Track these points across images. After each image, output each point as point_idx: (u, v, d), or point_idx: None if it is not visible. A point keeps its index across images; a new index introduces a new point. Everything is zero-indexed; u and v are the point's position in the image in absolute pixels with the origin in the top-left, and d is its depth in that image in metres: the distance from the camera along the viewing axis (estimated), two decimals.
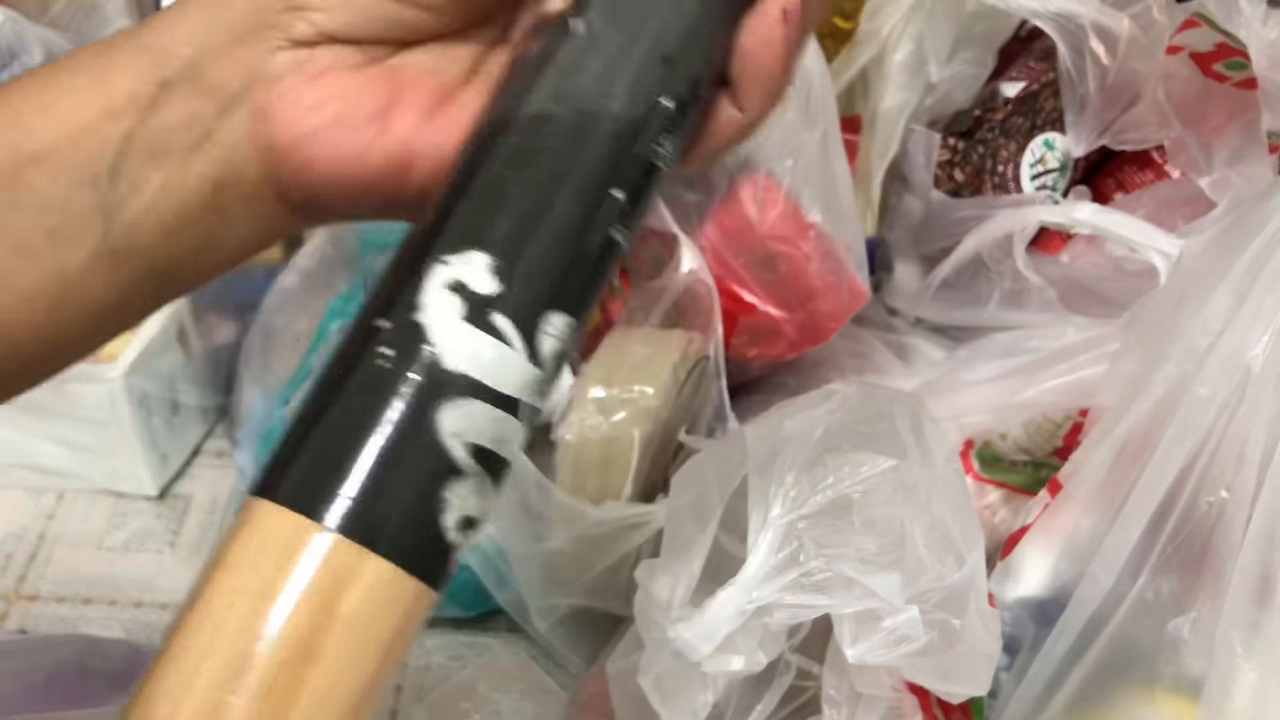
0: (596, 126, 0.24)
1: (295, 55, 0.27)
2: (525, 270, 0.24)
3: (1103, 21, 0.60)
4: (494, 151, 0.25)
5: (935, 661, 0.40)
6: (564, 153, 0.24)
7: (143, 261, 0.27)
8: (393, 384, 0.23)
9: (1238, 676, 0.40)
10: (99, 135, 0.26)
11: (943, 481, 0.42)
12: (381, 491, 0.23)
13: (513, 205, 0.24)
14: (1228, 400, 0.39)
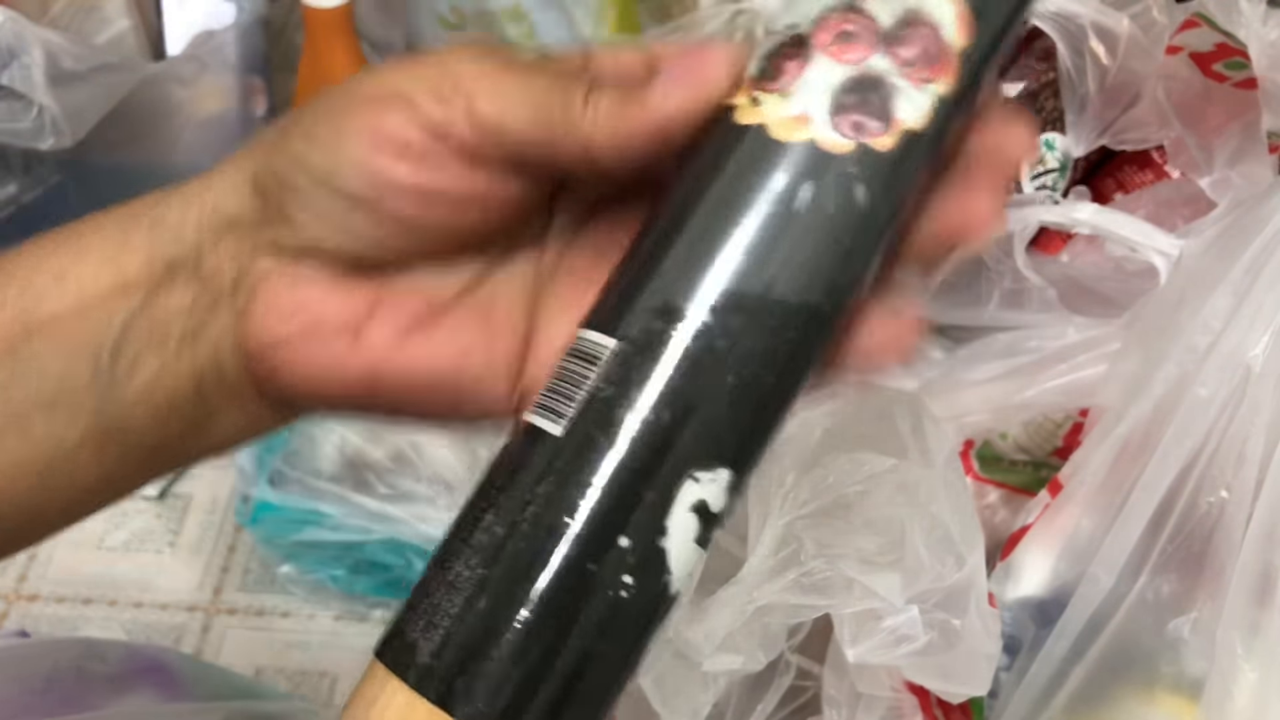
0: (811, 324, 0.23)
1: (280, 260, 0.26)
2: (747, 482, 0.24)
3: (1102, 21, 0.60)
4: (724, 356, 0.23)
5: (935, 661, 0.40)
6: (787, 354, 0.23)
7: (133, 442, 0.26)
8: (629, 617, 0.22)
9: (1238, 677, 0.40)
10: (106, 311, 0.26)
11: (943, 481, 0.42)
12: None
13: (751, 416, 0.23)
14: (1228, 400, 0.39)
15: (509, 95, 0.24)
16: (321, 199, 0.25)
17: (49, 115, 0.50)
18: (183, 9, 0.61)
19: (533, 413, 0.23)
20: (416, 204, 0.25)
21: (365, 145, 0.24)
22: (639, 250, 0.24)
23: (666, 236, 0.23)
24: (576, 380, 0.23)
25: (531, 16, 0.67)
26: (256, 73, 0.65)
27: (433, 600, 0.22)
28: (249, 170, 0.26)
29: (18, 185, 0.55)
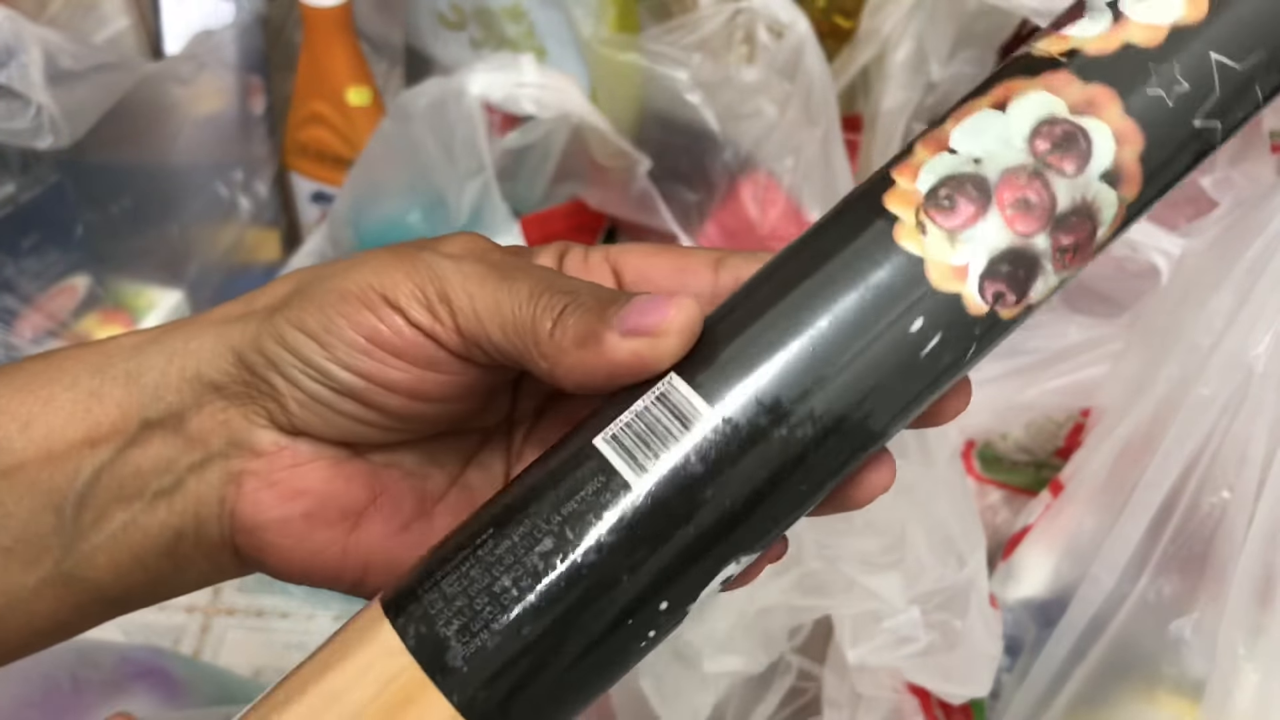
0: (871, 449, 0.24)
1: (278, 437, 0.26)
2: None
3: None
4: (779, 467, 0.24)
5: (936, 662, 0.40)
6: (844, 469, 0.24)
7: (92, 590, 0.26)
8: (634, 658, 0.24)
9: (1240, 678, 0.40)
10: (74, 462, 0.26)
11: (944, 482, 0.42)
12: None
13: (795, 516, 0.24)
14: (1230, 400, 0.39)
15: (487, 309, 0.25)
16: (314, 388, 0.25)
17: (47, 114, 0.50)
18: (181, 8, 0.61)
19: (608, 443, 0.23)
20: (404, 398, 0.26)
21: (360, 346, 0.25)
22: (755, 306, 0.24)
23: (791, 324, 0.23)
24: (663, 435, 0.23)
25: (531, 15, 0.67)
26: (255, 72, 0.65)
27: (473, 602, 0.23)
28: (233, 342, 0.26)
29: (16, 184, 0.54)
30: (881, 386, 0.23)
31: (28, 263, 0.56)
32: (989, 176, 0.23)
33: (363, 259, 0.26)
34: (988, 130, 0.24)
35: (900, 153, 0.24)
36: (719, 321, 0.24)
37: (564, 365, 0.24)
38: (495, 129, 0.59)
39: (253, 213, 0.68)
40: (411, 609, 0.23)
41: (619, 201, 0.61)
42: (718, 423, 0.23)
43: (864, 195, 0.24)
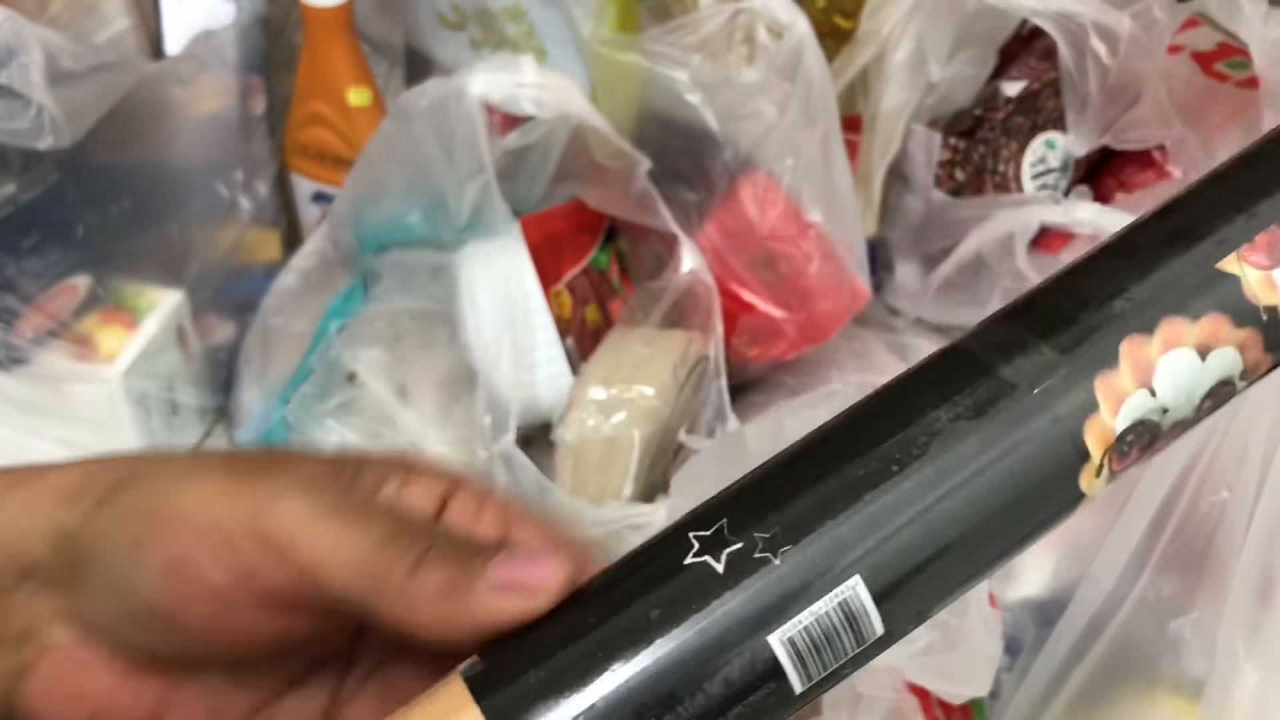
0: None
1: (72, 633, 0.24)
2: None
3: (1104, 21, 0.60)
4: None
5: (936, 662, 0.40)
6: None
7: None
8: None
9: (1239, 677, 0.40)
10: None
11: None
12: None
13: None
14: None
15: (332, 548, 0.22)
16: (117, 600, 0.23)
17: (47, 114, 0.50)
18: (182, 8, 0.61)
19: (784, 645, 0.21)
20: (213, 629, 0.23)
21: (165, 574, 0.23)
22: (936, 525, 0.22)
23: (972, 560, 0.22)
24: (837, 647, 0.22)
25: (531, 15, 0.67)
26: (256, 72, 0.65)
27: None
28: (53, 521, 0.24)
29: (16, 185, 0.54)
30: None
31: (28, 263, 0.56)
32: (1162, 429, 0.23)
33: (193, 475, 0.24)
34: (1184, 378, 0.23)
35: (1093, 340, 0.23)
36: (891, 534, 0.22)
37: (421, 619, 0.22)
38: (495, 129, 0.59)
39: (253, 213, 0.68)
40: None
41: (619, 201, 0.61)
42: (881, 636, 0.22)
43: (1056, 403, 0.22)
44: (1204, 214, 0.24)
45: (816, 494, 0.22)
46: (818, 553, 0.22)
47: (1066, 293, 0.24)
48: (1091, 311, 0.23)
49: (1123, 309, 0.23)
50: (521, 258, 0.59)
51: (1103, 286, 0.23)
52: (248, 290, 0.68)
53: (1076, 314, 0.23)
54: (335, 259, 0.65)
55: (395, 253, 0.63)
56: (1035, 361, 0.23)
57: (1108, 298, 0.23)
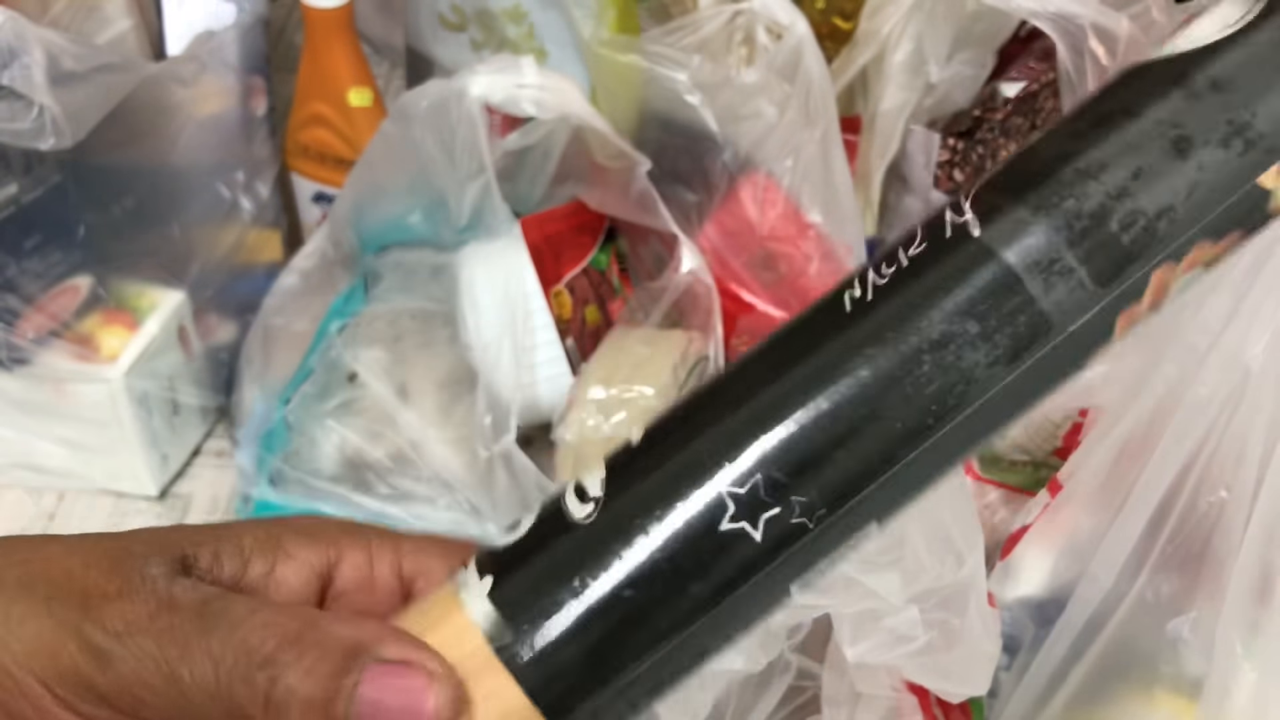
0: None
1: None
2: None
3: (1102, 22, 0.60)
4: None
5: (935, 661, 0.40)
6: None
7: None
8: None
9: (1237, 676, 0.40)
10: None
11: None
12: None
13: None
14: (1227, 400, 0.39)
15: (160, 699, 0.20)
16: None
17: (49, 115, 0.50)
18: (183, 9, 0.61)
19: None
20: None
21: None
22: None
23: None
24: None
25: (531, 16, 0.67)
26: (257, 73, 0.65)
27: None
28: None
29: (18, 185, 0.54)
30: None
31: (30, 263, 0.56)
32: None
33: (14, 615, 0.22)
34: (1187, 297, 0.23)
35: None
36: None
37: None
38: (496, 130, 0.60)
39: (254, 213, 0.68)
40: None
41: (619, 202, 0.61)
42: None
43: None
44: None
45: (856, 455, 0.21)
46: (853, 519, 0.22)
47: (1115, 197, 0.21)
48: (1136, 233, 0.21)
49: (1165, 232, 0.21)
50: (522, 258, 0.59)
51: (1155, 200, 0.21)
52: (249, 290, 0.68)
53: (1122, 236, 0.21)
54: (336, 259, 0.65)
55: (396, 253, 0.63)
56: (1076, 296, 0.21)
57: (1156, 216, 0.21)
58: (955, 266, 0.21)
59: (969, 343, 0.21)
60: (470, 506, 0.60)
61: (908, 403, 0.21)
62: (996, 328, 0.21)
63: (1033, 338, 0.21)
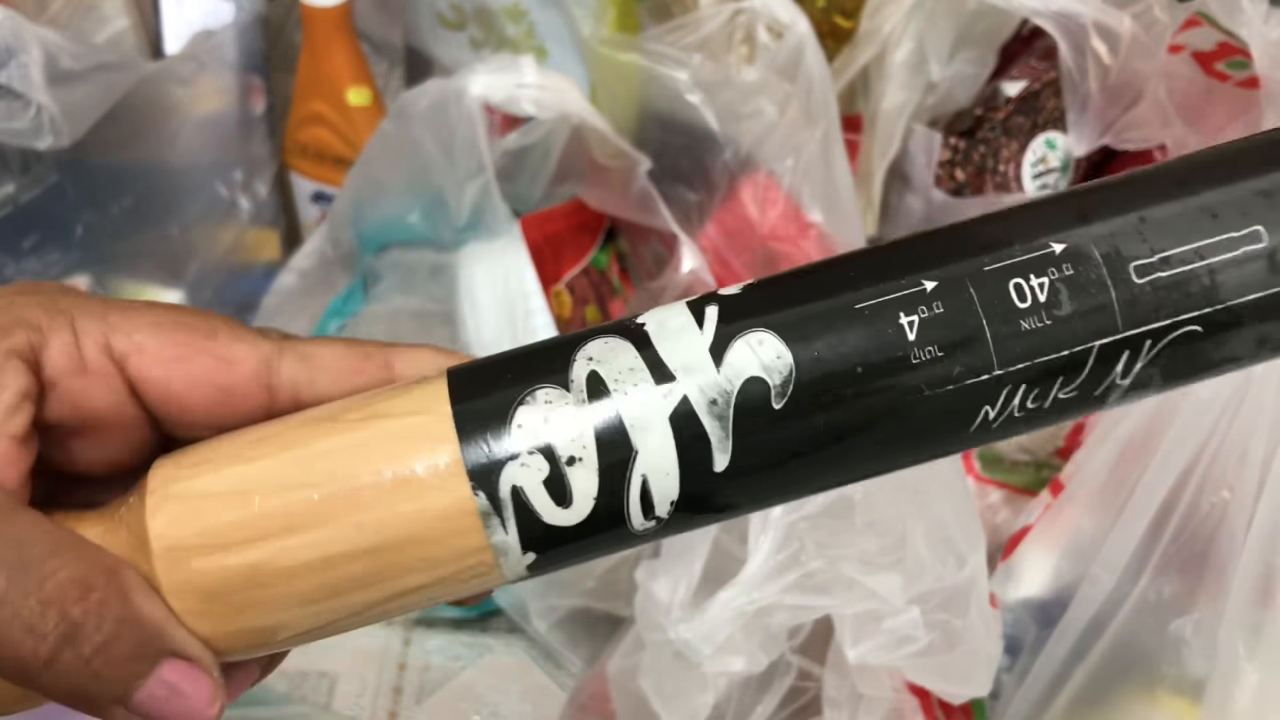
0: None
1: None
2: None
3: (1104, 20, 0.60)
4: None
5: (937, 662, 0.40)
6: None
7: None
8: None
9: (1240, 678, 0.40)
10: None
11: (944, 482, 0.42)
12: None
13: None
14: (1230, 401, 0.39)
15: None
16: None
17: (47, 114, 0.50)
18: (181, 8, 0.61)
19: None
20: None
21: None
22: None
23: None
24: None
25: (531, 15, 0.67)
26: (255, 72, 0.65)
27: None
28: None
29: (15, 185, 0.54)
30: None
31: (28, 263, 0.56)
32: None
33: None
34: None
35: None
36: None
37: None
38: (495, 130, 0.59)
39: (253, 213, 0.68)
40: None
41: (619, 201, 0.61)
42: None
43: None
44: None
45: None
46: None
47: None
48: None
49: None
50: (521, 258, 0.59)
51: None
52: (248, 290, 0.68)
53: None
54: (335, 259, 0.65)
55: (395, 253, 0.63)
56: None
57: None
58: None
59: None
60: None
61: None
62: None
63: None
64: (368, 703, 0.59)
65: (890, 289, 0.21)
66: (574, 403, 0.21)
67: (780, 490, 0.22)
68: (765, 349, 0.21)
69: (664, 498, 0.21)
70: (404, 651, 0.62)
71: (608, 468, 0.21)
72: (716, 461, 0.21)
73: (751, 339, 0.21)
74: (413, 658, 0.61)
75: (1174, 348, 0.21)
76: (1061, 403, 0.22)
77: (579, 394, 0.21)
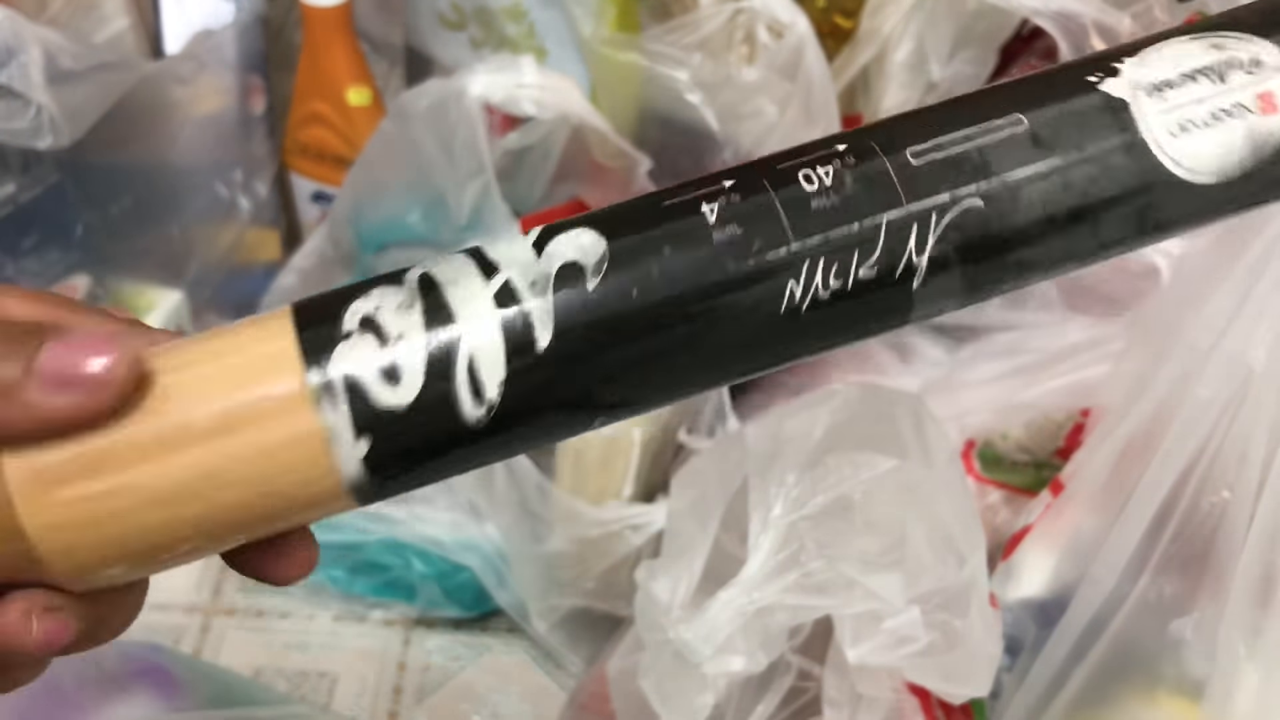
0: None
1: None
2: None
3: (1104, 20, 0.60)
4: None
5: (937, 662, 0.40)
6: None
7: None
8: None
9: (1240, 678, 0.40)
10: None
11: (944, 482, 0.42)
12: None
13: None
14: (1230, 400, 0.39)
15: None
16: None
17: (47, 114, 0.50)
18: (181, 8, 0.61)
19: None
20: None
21: None
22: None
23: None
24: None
25: (531, 15, 0.67)
26: (255, 71, 0.65)
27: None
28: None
29: (16, 185, 0.54)
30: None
31: (28, 263, 0.56)
32: None
33: None
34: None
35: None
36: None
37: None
38: (495, 130, 0.59)
39: (253, 213, 0.68)
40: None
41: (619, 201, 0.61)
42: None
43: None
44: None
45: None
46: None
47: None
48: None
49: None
50: None
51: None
52: (247, 290, 0.68)
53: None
54: (335, 259, 0.65)
55: (395, 252, 0.63)
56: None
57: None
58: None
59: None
60: (469, 506, 0.60)
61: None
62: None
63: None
64: (368, 703, 0.59)
65: (693, 188, 0.23)
66: (405, 293, 0.22)
67: (609, 380, 0.23)
68: (582, 238, 0.23)
69: (492, 377, 0.22)
70: (404, 651, 0.62)
71: (435, 347, 0.22)
72: (539, 339, 0.22)
73: (570, 233, 0.23)
74: (413, 658, 0.61)
75: (961, 221, 0.23)
76: (864, 283, 0.23)
77: (410, 288, 0.23)
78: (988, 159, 0.23)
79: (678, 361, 0.23)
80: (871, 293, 0.23)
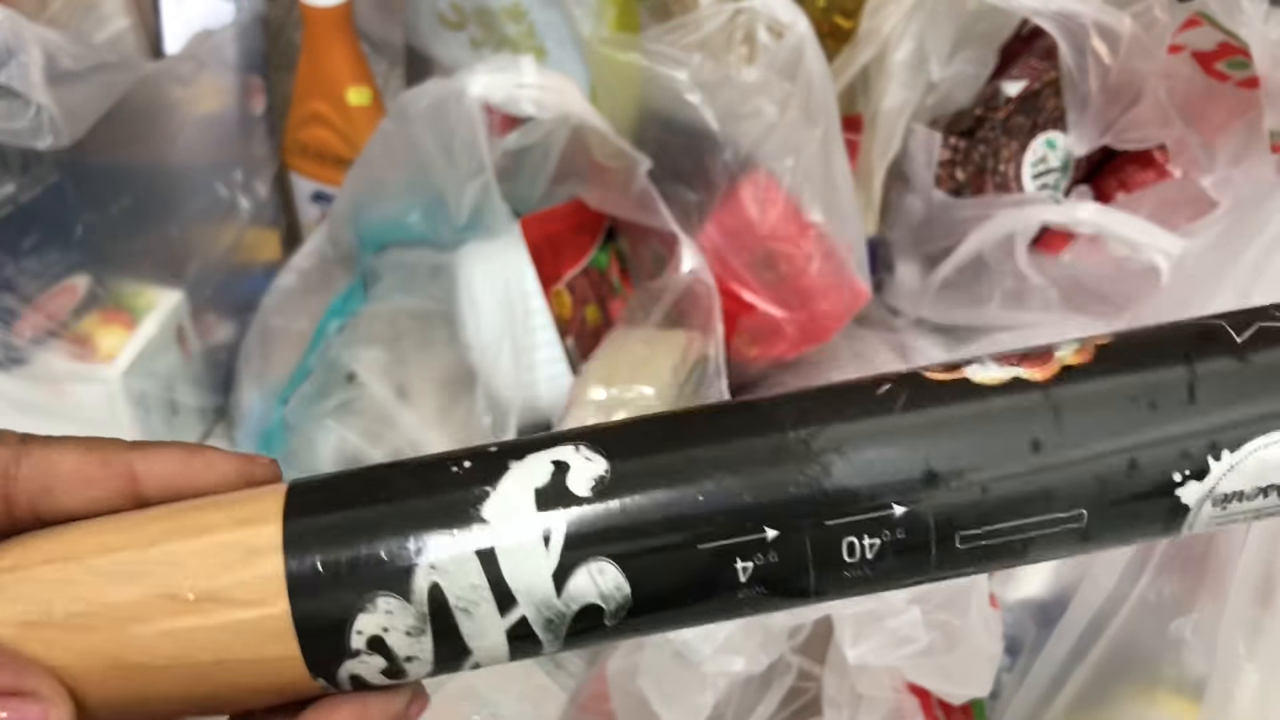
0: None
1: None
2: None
3: (1104, 20, 0.60)
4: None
5: (937, 662, 0.40)
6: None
7: None
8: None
9: (1240, 678, 0.40)
10: None
11: None
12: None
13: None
14: None
15: None
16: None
17: (47, 114, 0.50)
18: (181, 8, 0.61)
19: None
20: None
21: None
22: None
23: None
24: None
25: (531, 15, 0.67)
26: (255, 71, 0.65)
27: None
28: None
29: (15, 185, 0.54)
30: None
31: (28, 263, 0.56)
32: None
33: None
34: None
35: None
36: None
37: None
38: (495, 130, 0.59)
39: (252, 213, 0.68)
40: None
41: (619, 201, 0.61)
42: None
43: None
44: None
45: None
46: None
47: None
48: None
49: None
50: (521, 258, 0.59)
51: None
52: (247, 290, 0.68)
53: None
54: (335, 259, 0.65)
55: (395, 252, 0.63)
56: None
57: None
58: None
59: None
60: None
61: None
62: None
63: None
64: None
65: (734, 531, 0.22)
66: (414, 617, 0.22)
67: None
68: (605, 579, 0.22)
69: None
70: None
71: (444, 660, 0.23)
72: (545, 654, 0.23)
73: (594, 567, 0.22)
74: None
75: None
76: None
77: (420, 611, 0.22)
78: (1030, 548, 0.23)
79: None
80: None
